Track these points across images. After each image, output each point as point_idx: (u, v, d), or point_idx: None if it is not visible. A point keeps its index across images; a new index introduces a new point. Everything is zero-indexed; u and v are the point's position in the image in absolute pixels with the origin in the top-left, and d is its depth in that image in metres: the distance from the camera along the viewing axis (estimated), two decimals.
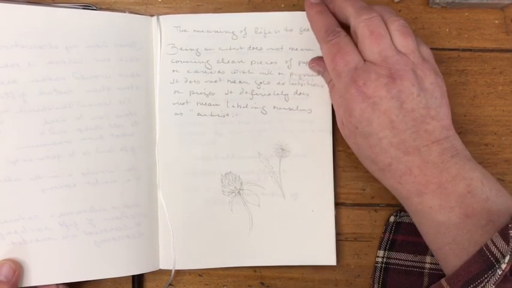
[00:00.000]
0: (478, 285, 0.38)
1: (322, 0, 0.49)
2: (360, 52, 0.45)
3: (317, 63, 0.51)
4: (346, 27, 0.47)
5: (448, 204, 0.42)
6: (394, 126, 0.43)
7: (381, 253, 0.52)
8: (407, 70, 0.44)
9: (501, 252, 0.38)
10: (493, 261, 0.38)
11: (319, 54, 0.51)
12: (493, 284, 0.37)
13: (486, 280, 0.38)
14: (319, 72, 0.52)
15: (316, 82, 0.52)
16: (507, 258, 0.36)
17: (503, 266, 0.36)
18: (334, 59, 0.45)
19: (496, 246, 0.38)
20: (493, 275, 0.37)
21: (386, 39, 0.44)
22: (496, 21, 0.54)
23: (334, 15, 0.48)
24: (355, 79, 0.44)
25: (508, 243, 0.36)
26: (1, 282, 0.46)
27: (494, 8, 0.54)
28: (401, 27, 0.45)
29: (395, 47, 0.45)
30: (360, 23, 0.45)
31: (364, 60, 0.45)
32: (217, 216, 0.52)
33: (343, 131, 0.47)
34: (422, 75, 0.44)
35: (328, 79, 0.50)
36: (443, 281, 0.41)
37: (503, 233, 0.38)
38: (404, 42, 0.44)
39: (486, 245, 0.39)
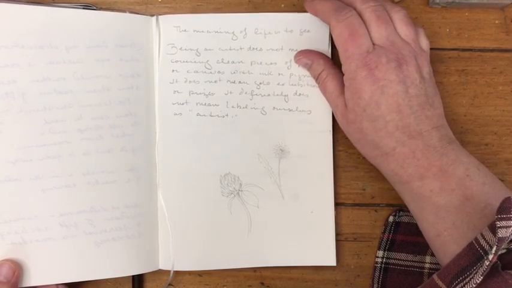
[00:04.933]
0: (467, 277, 0.38)
1: None
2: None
3: (304, 55, 0.51)
4: None
5: (448, 187, 0.43)
6: (400, 110, 0.44)
7: (380, 253, 0.52)
8: (411, 57, 0.45)
9: (489, 244, 0.38)
10: (482, 253, 0.39)
11: None
12: (481, 275, 0.37)
13: (475, 272, 0.38)
14: (306, 65, 0.51)
15: (315, 83, 0.52)
16: (494, 248, 0.36)
17: (491, 256, 0.37)
18: (347, 40, 0.46)
19: (484, 239, 0.39)
20: (481, 266, 0.37)
21: (391, 26, 0.46)
22: (496, 21, 0.54)
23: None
24: (367, 62, 0.45)
25: (495, 235, 0.37)
26: (1, 283, 0.46)
27: (494, 8, 0.53)
28: (404, 17, 0.47)
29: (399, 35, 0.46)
30: (367, 8, 0.46)
31: (373, 44, 0.46)
32: (216, 218, 0.52)
33: (347, 116, 0.47)
34: (421, 65, 0.46)
35: (317, 71, 0.50)
36: (435, 275, 0.42)
37: (491, 226, 0.38)
38: (407, 31, 0.46)
39: (476, 239, 0.40)
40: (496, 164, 0.53)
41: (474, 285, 0.37)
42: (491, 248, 0.37)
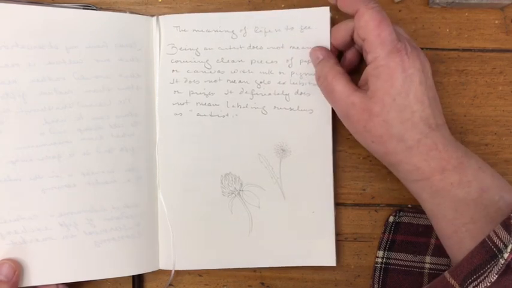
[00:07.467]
0: (481, 276, 0.38)
1: None
2: None
3: (319, 49, 0.50)
4: None
5: (466, 179, 0.43)
6: (423, 100, 0.44)
7: (380, 253, 0.52)
8: (421, 51, 0.46)
9: (503, 242, 0.38)
10: (496, 251, 0.39)
11: None
12: (496, 274, 0.37)
13: (489, 270, 0.38)
14: (316, 59, 0.50)
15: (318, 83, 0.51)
16: (509, 247, 0.36)
17: (506, 255, 0.37)
18: (380, 25, 0.44)
19: (498, 236, 0.39)
20: (496, 264, 0.37)
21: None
22: (496, 21, 0.54)
23: None
24: (400, 48, 0.44)
25: (509, 233, 0.37)
26: (1, 282, 0.46)
27: (494, 8, 0.54)
28: None
29: None
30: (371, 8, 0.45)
31: None
32: (216, 217, 0.52)
33: (370, 109, 0.45)
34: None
35: (325, 69, 0.48)
36: (446, 273, 0.41)
37: (505, 224, 0.38)
38: (401, 29, 0.47)
39: (489, 236, 0.40)
40: (496, 164, 0.53)
41: (489, 284, 0.37)
42: (506, 246, 0.37)
